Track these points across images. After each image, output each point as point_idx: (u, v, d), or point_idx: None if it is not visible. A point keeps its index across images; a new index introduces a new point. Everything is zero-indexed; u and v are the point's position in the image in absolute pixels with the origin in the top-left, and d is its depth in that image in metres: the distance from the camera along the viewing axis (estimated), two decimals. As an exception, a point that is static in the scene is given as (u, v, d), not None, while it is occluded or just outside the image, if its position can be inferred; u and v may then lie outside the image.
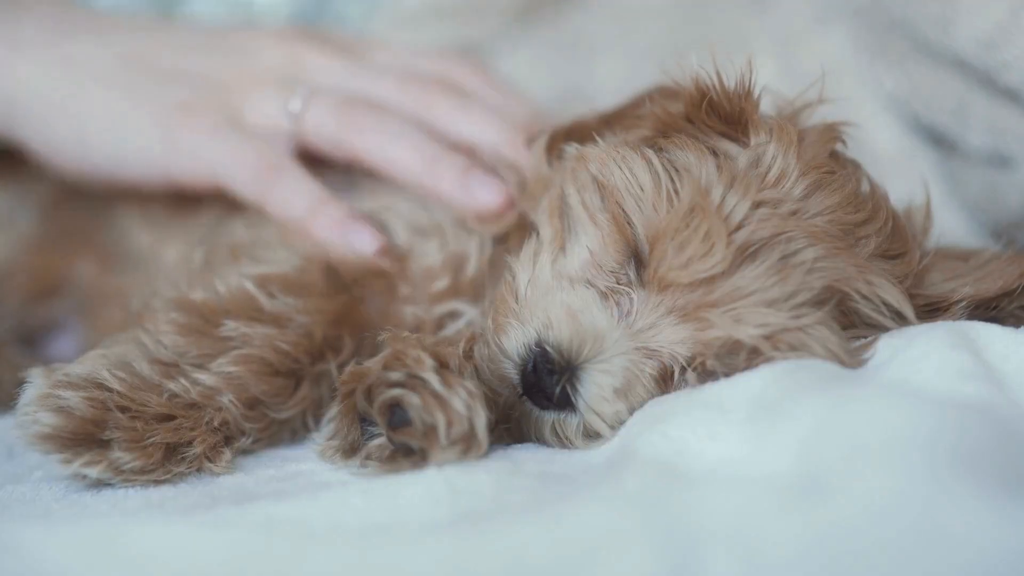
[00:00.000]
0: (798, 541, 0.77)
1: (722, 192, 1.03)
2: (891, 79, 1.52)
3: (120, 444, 1.04)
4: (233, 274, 1.20)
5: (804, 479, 0.83)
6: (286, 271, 1.22)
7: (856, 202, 1.08)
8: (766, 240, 1.02)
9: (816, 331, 1.01)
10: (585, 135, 1.19)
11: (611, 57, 1.76)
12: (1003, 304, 1.11)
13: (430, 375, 1.01)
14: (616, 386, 1.03)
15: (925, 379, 0.95)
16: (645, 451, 0.94)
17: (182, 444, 1.07)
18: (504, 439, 1.10)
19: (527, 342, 1.07)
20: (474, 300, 1.26)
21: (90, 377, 1.07)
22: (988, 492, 0.77)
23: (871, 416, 0.87)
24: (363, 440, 1.05)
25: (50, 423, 1.02)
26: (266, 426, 1.17)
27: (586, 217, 1.11)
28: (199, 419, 1.09)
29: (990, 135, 1.41)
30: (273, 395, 1.16)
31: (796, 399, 0.91)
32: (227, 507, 0.94)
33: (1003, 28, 1.35)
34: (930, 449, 0.81)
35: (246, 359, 1.14)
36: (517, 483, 0.95)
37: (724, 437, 0.92)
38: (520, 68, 1.84)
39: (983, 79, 1.40)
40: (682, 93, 1.15)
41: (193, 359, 1.14)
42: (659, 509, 0.82)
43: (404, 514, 0.90)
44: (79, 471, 1.03)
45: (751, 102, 1.11)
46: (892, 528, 0.76)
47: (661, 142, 1.11)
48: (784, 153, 1.07)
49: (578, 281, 1.10)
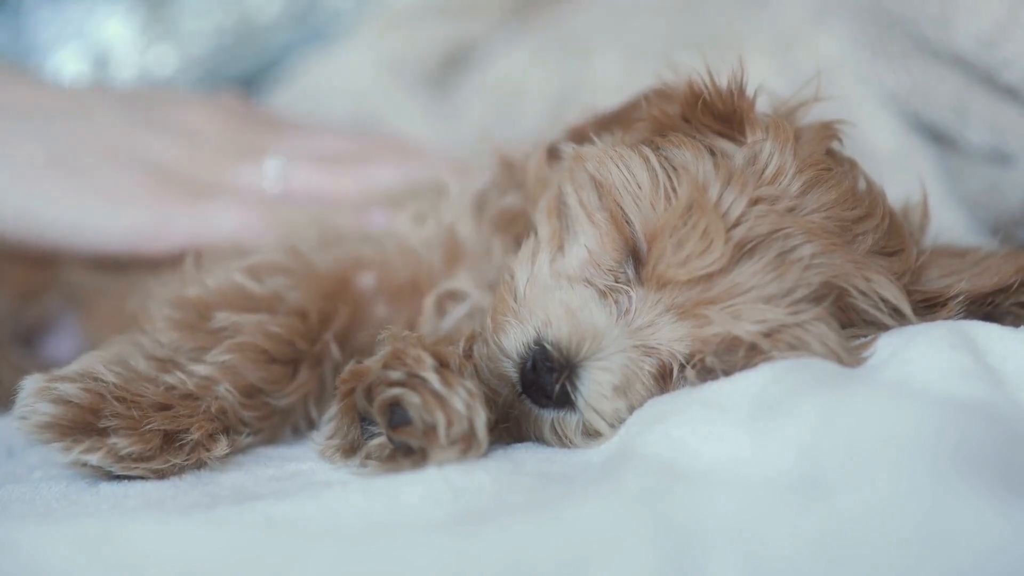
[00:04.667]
0: (800, 541, 0.77)
1: (719, 189, 1.03)
2: (891, 77, 1.52)
3: (118, 431, 1.04)
4: (223, 269, 1.22)
5: (805, 478, 0.83)
6: (275, 258, 1.23)
7: (853, 199, 1.08)
8: (764, 236, 1.02)
9: (814, 327, 1.01)
10: (583, 136, 1.19)
11: (608, 54, 1.76)
12: (999, 300, 1.11)
13: (430, 374, 1.01)
14: (615, 384, 1.04)
15: (926, 379, 0.95)
16: (645, 450, 0.95)
17: (180, 431, 1.08)
18: (504, 438, 1.10)
19: (526, 340, 1.07)
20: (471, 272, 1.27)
21: (86, 372, 1.08)
22: (991, 492, 0.77)
23: (873, 416, 0.87)
24: (363, 439, 1.06)
25: (49, 412, 1.03)
26: (266, 415, 1.17)
27: (584, 216, 1.11)
28: (196, 407, 1.10)
29: (990, 132, 1.41)
30: (271, 381, 1.17)
31: (797, 398, 0.91)
32: (227, 506, 0.94)
33: (1003, 26, 1.35)
34: (932, 449, 0.81)
35: (239, 347, 1.15)
36: (517, 482, 0.95)
37: (725, 436, 0.92)
38: (517, 66, 1.84)
39: (983, 77, 1.40)
40: (676, 94, 1.15)
41: (188, 353, 1.15)
42: (659, 508, 0.82)
43: (404, 514, 0.90)
44: (79, 458, 1.04)
45: (745, 101, 1.11)
46: (896, 528, 0.76)
47: (658, 141, 1.11)
48: (781, 150, 1.07)
49: (577, 280, 1.10)
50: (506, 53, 1.88)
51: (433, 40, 1.93)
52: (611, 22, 1.84)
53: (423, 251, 1.27)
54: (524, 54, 1.85)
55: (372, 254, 1.27)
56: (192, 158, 1.56)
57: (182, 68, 2.05)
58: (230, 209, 1.49)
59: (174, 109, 1.64)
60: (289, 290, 1.19)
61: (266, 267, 1.21)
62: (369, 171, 1.56)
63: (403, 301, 1.26)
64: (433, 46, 1.94)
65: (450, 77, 1.93)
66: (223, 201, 1.51)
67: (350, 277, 1.25)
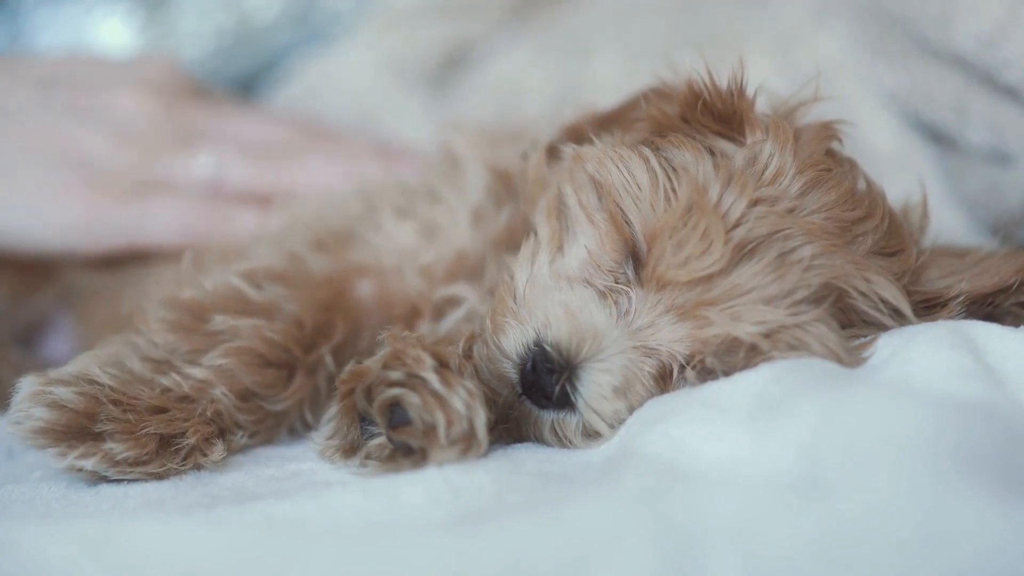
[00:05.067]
0: (800, 541, 0.77)
1: (719, 190, 1.03)
2: (891, 76, 1.52)
3: (113, 436, 1.04)
4: (220, 272, 1.21)
5: (806, 478, 0.83)
6: (273, 264, 1.23)
7: (853, 199, 1.08)
8: (763, 238, 1.02)
9: (814, 328, 1.01)
10: (582, 136, 1.19)
11: (608, 54, 1.76)
12: (999, 300, 1.11)
13: (430, 374, 1.01)
14: (615, 385, 1.04)
15: (926, 379, 0.95)
16: (645, 450, 0.95)
17: (175, 435, 1.08)
18: (504, 439, 1.10)
19: (526, 341, 1.07)
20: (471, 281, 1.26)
21: (81, 374, 1.08)
22: (991, 492, 0.77)
23: (873, 416, 0.87)
24: (363, 439, 1.06)
25: (43, 417, 1.03)
26: (261, 419, 1.17)
27: (584, 217, 1.11)
28: (192, 411, 1.10)
29: (990, 132, 1.41)
30: (266, 386, 1.16)
31: (797, 398, 0.91)
32: (227, 506, 0.94)
33: (1002, 26, 1.35)
34: (932, 449, 0.81)
35: (236, 351, 1.15)
36: (517, 482, 0.95)
37: (725, 436, 0.92)
38: (517, 66, 1.84)
39: (983, 77, 1.40)
40: (675, 94, 1.15)
41: (184, 355, 1.15)
42: (659, 508, 0.82)
43: (404, 514, 0.90)
44: (74, 463, 1.03)
45: (745, 101, 1.11)
46: (896, 528, 0.76)
47: (658, 141, 1.11)
48: (780, 151, 1.07)
49: (576, 280, 1.10)
50: (506, 53, 1.88)
51: (433, 40, 1.93)
52: (611, 22, 1.84)
53: (421, 264, 1.26)
54: (524, 54, 1.85)
55: (370, 262, 1.26)
56: (122, 151, 1.52)
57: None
58: (166, 209, 1.47)
59: (103, 93, 1.58)
60: (286, 301, 1.18)
61: (263, 273, 1.21)
62: (302, 165, 1.54)
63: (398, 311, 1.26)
64: (433, 46, 1.93)
65: (450, 77, 1.93)
66: (159, 201, 1.48)
67: (347, 288, 1.24)
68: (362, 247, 1.28)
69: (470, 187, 1.30)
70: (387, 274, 1.26)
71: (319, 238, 1.28)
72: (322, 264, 1.24)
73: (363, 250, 1.27)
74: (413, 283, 1.25)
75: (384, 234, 1.28)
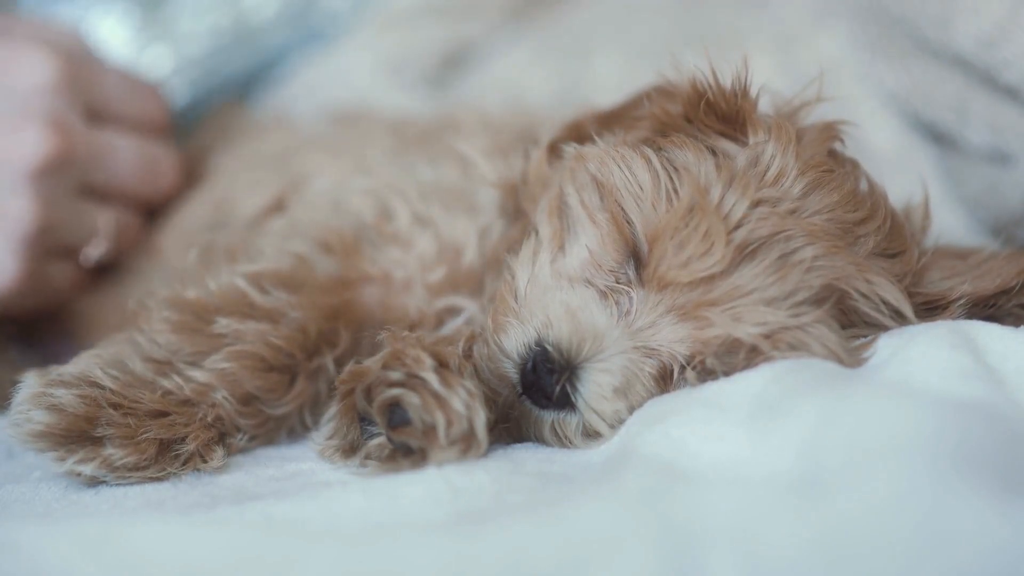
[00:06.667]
0: (800, 541, 0.77)
1: (721, 191, 1.03)
2: (891, 77, 1.52)
3: (113, 440, 1.04)
4: (226, 272, 1.21)
5: (806, 478, 0.83)
6: (279, 267, 1.22)
7: (855, 200, 1.08)
8: (765, 239, 1.02)
9: (815, 329, 1.01)
10: (584, 135, 1.19)
11: (609, 54, 1.76)
12: (1001, 302, 1.11)
13: (429, 374, 1.01)
14: (615, 385, 1.04)
15: (926, 379, 0.95)
16: (645, 450, 0.94)
17: (175, 440, 1.07)
18: (504, 439, 1.10)
19: (527, 341, 1.07)
20: (473, 294, 1.26)
21: (82, 375, 1.07)
22: (992, 492, 0.77)
23: (873, 416, 0.87)
24: (363, 439, 1.06)
25: (43, 421, 1.03)
26: (262, 422, 1.17)
27: (585, 216, 1.11)
28: (192, 415, 1.10)
29: (990, 132, 1.41)
30: (268, 391, 1.16)
31: (797, 398, 0.91)
32: (227, 506, 0.94)
33: (1003, 26, 1.35)
34: (932, 449, 0.81)
35: (239, 355, 1.14)
36: (517, 483, 0.95)
37: (725, 436, 0.92)
38: (517, 66, 1.84)
39: (983, 77, 1.40)
40: (679, 93, 1.15)
41: (186, 357, 1.14)
42: (659, 508, 0.82)
43: (404, 514, 0.90)
44: (73, 468, 1.03)
45: (748, 101, 1.11)
46: (896, 528, 0.76)
47: (660, 141, 1.11)
48: (783, 152, 1.07)
49: (577, 280, 1.10)
50: (506, 53, 1.88)
51: (432, 40, 1.93)
52: (611, 21, 1.84)
53: (431, 281, 1.25)
54: (524, 54, 1.85)
55: (375, 270, 1.25)
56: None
57: (178, 69, 2.04)
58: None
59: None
60: (291, 308, 1.17)
61: (269, 276, 1.20)
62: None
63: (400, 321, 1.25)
64: (432, 46, 1.93)
65: (449, 77, 1.93)
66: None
67: (353, 297, 1.23)
68: (373, 255, 1.26)
69: (482, 207, 1.29)
70: (395, 285, 1.25)
71: (327, 239, 1.26)
72: (329, 268, 1.23)
73: (374, 259, 1.25)
74: (419, 296, 1.24)
75: (400, 243, 1.26)
